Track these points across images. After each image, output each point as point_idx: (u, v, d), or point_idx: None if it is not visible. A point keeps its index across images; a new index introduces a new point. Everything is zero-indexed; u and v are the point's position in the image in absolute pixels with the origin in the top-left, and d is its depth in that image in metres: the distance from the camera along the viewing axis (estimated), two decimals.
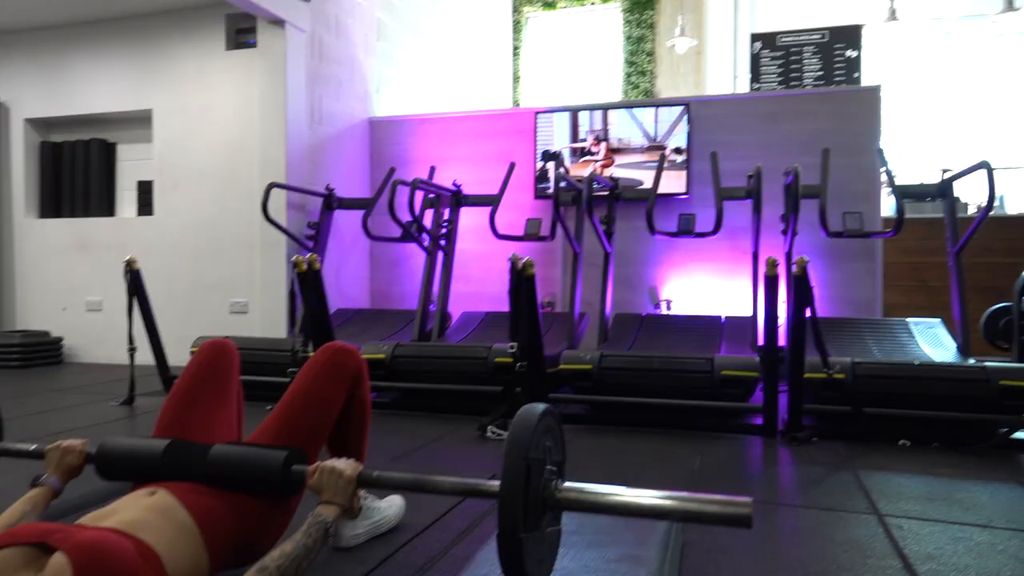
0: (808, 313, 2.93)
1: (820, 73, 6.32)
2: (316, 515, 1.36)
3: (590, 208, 4.32)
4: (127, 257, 3.70)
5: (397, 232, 4.96)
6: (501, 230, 4.63)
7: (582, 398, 3.46)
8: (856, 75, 6.17)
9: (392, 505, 1.98)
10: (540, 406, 1.36)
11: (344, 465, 1.42)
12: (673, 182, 4.99)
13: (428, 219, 4.91)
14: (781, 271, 2.99)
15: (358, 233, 5.15)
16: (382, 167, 5.48)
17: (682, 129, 5.04)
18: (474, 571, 1.43)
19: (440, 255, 4.92)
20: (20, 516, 1.44)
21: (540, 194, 5.32)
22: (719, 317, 4.39)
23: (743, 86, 8.83)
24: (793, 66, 6.42)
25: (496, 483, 1.32)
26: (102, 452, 1.57)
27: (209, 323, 5.02)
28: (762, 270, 3.05)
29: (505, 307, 5.14)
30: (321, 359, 1.68)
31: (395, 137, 5.82)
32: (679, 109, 5.08)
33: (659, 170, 4.36)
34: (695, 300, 5.08)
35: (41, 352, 5.30)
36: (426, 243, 4.86)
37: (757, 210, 4.15)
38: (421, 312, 4.74)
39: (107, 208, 5.70)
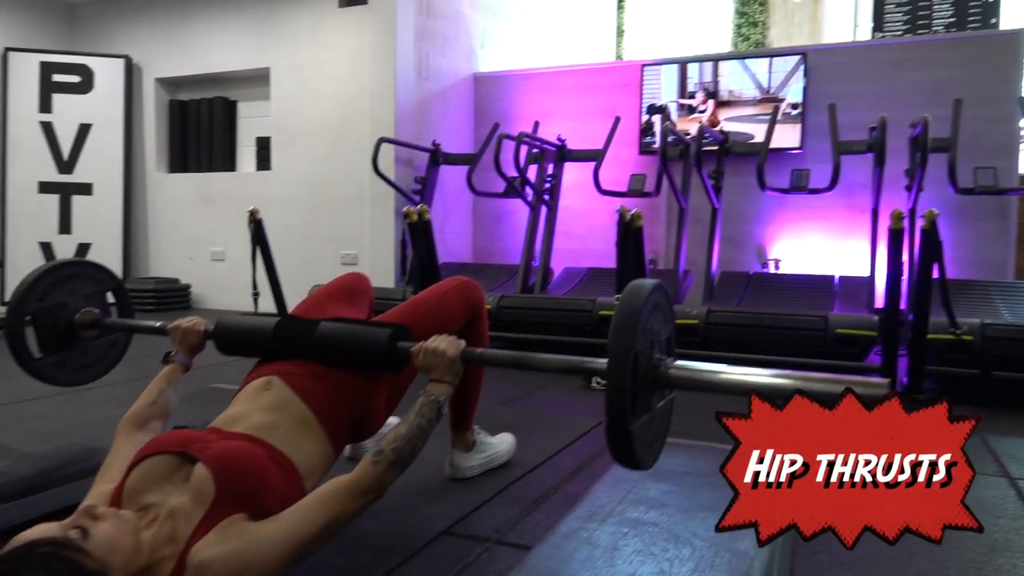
0: (935, 271, 2.78)
1: (952, 19, 5.87)
2: (427, 393, 1.39)
3: (699, 162, 4.22)
4: (250, 208, 3.90)
5: (501, 187, 5.00)
6: (605, 186, 4.60)
7: (688, 353, 3.42)
8: (993, 20, 5.69)
9: (504, 442, 2.05)
10: (649, 282, 1.27)
11: (446, 343, 1.44)
12: (786, 136, 4.79)
13: (532, 174, 4.92)
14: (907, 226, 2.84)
15: (462, 188, 5.23)
16: (486, 123, 5.52)
17: (798, 80, 4.82)
18: (591, 503, 1.47)
19: (543, 210, 4.94)
20: (159, 392, 1.58)
21: (645, 149, 5.23)
22: (832, 277, 4.22)
23: (864, 35, 8.30)
24: (921, 12, 5.99)
25: (601, 360, 1.28)
26: (219, 330, 1.67)
27: (321, 274, 5.20)
28: (882, 227, 2.91)
29: (607, 263, 5.13)
30: (450, 283, 1.78)
31: (499, 92, 5.84)
32: (795, 59, 4.84)
33: (772, 123, 4.19)
34: (806, 260, 4.89)
35: (172, 297, 5.71)
36: (530, 198, 4.88)
37: (880, 164, 3.93)
38: (524, 267, 4.79)
39: (229, 163, 6.02)
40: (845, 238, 4.76)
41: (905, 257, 3.23)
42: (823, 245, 4.85)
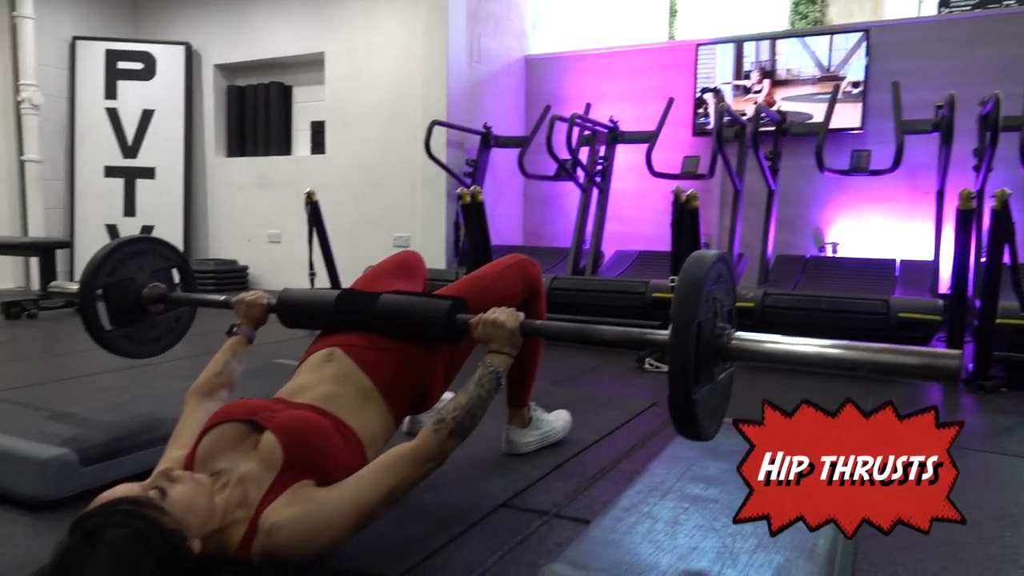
0: (1006, 253, 2.68)
1: None
2: (486, 364, 1.40)
3: (755, 143, 4.14)
4: (307, 190, 3.98)
5: (551, 170, 5.00)
6: (657, 168, 4.55)
7: None
8: None
9: (559, 419, 2.06)
10: (710, 254, 1.25)
11: (505, 316, 1.45)
12: (846, 115, 4.66)
13: (583, 157, 4.90)
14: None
15: (513, 171, 5.24)
16: (537, 105, 5.50)
17: (859, 58, 4.67)
18: (650, 479, 1.47)
19: (595, 193, 4.91)
20: (224, 363, 1.63)
21: (699, 131, 5.15)
22: (893, 261, 4.11)
23: (929, 11, 7.99)
24: None
25: (663, 333, 1.26)
26: (281, 303, 1.70)
27: (374, 256, 5.25)
28: (948, 209, 2.82)
29: (659, 247, 5.09)
30: (508, 261, 1.79)
31: (550, 75, 5.81)
32: (857, 36, 4.70)
33: (832, 102, 4.07)
34: (865, 243, 4.77)
35: (230, 278, 5.87)
36: (581, 180, 4.86)
37: (947, 143, 3.80)
38: (575, 249, 4.78)
39: (284, 147, 6.14)
40: (907, 219, 4.62)
41: (973, 239, 3.12)
42: (883, 228, 4.72)
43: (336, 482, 1.24)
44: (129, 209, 6.09)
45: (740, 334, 1.25)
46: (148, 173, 6.10)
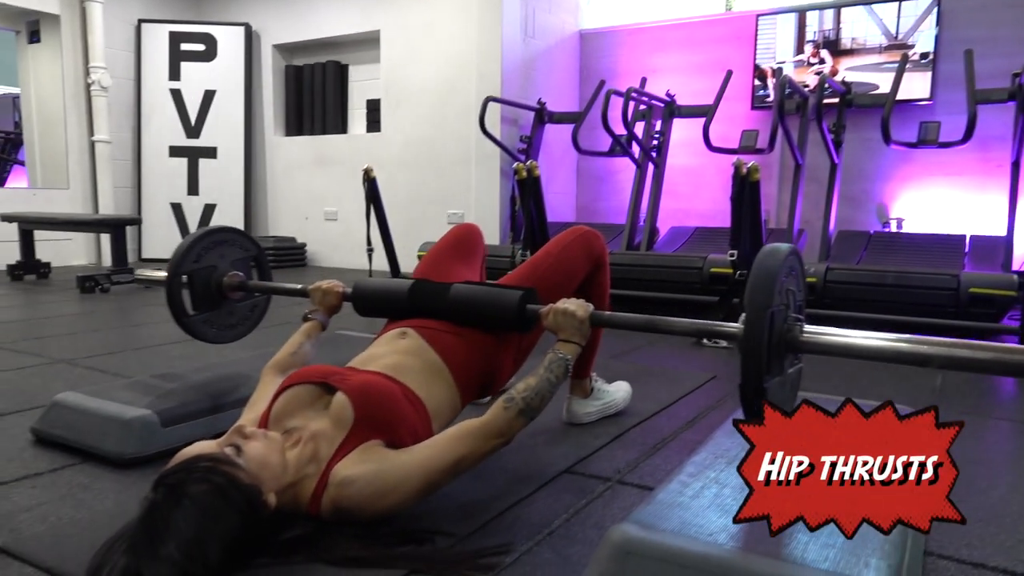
0: None
1: None
2: (556, 351, 1.42)
3: (819, 115, 4.03)
4: (365, 166, 4.03)
5: (606, 146, 4.96)
6: (715, 142, 4.46)
7: (806, 312, 3.32)
8: None
9: (620, 390, 2.06)
10: (784, 247, 1.27)
11: (575, 306, 1.47)
12: (914, 86, 4.49)
13: (638, 132, 4.84)
14: None
15: (567, 147, 5.22)
16: (591, 81, 5.45)
17: (929, 26, 4.49)
18: (715, 447, 1.47)
19: (650, 168, 4.86)
20: (299, 344, 1.70)
21: (758, 103, 5.03)
22: (962, 236, 3.97)
23: None
24: None
25: (735, 326, 1.29)
26: (356, 292, 1.76)
27: (428, 234, 5.36)
28: None
29: (715, 223, 5.02)
30: (572, 235, 1.78)
31: (605, 49, 5.74)
32: (927, 3, 4.51)
33: (899, 72, 3.93)
34: (932, 218, 4.61)
35: (289, 255, 6.01)
36: (636, 156, 4.81)
37: None
38: (629, 225, 4.75)
39: (340, 126, 6.23)
40: (978, 193, 4.44)
41: None
42: (952, 201, 4.55)
43: (403, 446, 1.29)
44: (192, 188, 6.27)
45: (810, 328, 1.27)
46: (210, 152, 6.27)
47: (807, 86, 4.44)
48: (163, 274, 2.04)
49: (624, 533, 1.06)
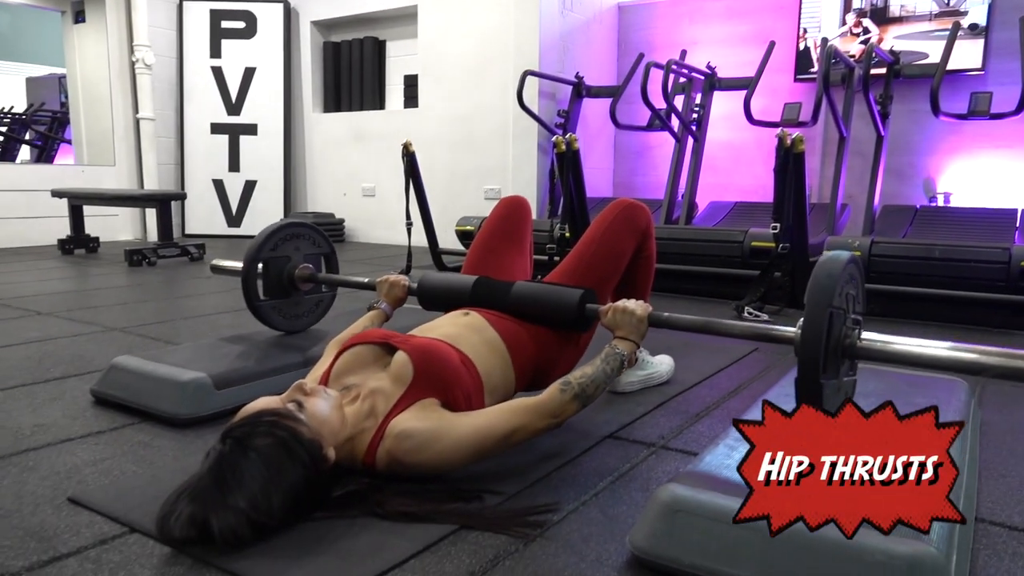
0: None
1: None
2: (613, 347, 1.47)
3: (866, 85, 3.94)
4: (404, 141, 4.05)
5: (643, 121, 4.91)
6: (756, 116, 4.39)
7: None
8: None
9: (663, 362, 2.07)
10: (845, 253, 1.31)
11: (636, 305, 1.52)
12: (965, 55, 4.35)
13: (678, 105, 4.78)
14: None
15: (604, 122, 5.18)
16: (629, 54, 5.39)
17: None
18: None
19: (689, 143, 4.80)
20: (364, 327, 1.76)
21: (802, 73, 4.93)
22: (1014, 211, 3.86)
23: None
24: None
25: (791, 330, 1.33)
26: (422, 286, 1.82)
27: (466, 209, 5.39)
28: None
29: (755, 198, 4.95)
30: (614, 212, 1.77)
31: (643, 21, 5.66)
32: None
33: (951, 40, 3.81)
34: (981, 192, 4.49)
35: (328, 231, 6.05)
36: (675, 129, 4.75)
37: None
38: (668, 200, 4.71)
39: (378, 102, 6.26)
40: None
41: None
42: (1004, 175, 4.42)
43: (458, 410, 1.32)
44: (233, 164, 6.37)
45: (867, 335, 1.29)
46: (251, 129, 6.35)
47: (853, 56, 4.33)
48: (238, 264, 2.15)
49: (673, 491, 1.08)
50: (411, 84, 5.96)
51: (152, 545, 1.11)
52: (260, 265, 2.11)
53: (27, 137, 7.64)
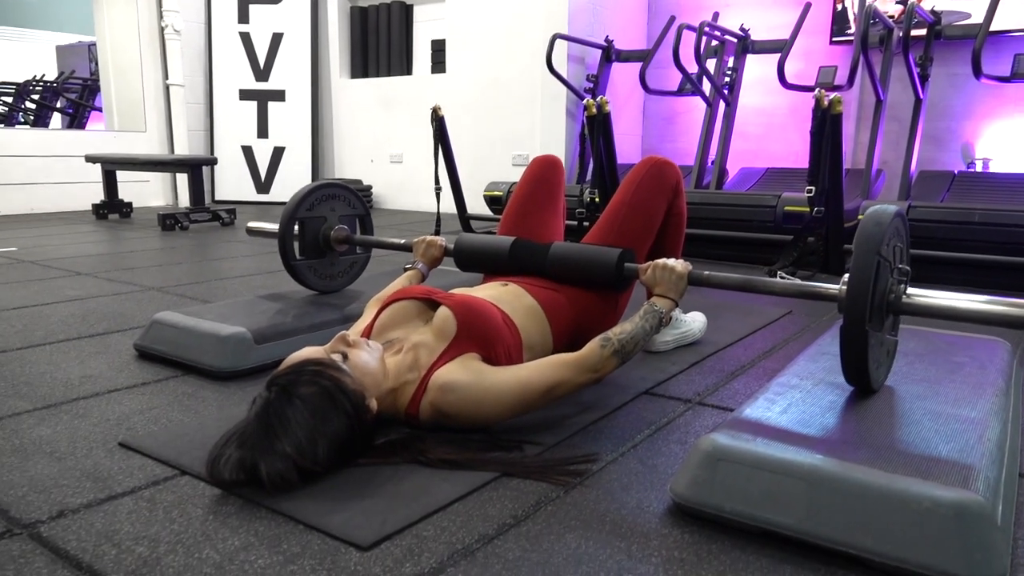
0: None
1: None
2: (651, 304, 1.47)
3: (905, 47, 3.83)
4: (433, 105, 4.03)
5: (674, 85, 4.83)
6: (790, 80, 4.30)
7: None
8: None
9: (696, 321, 2.06)
10: (891, 207, 1.30)
11: (676, 262, 1.51)
12: (1010, 15, 4.21)
13: (709, 69, 4.69)
14: None
15: (633, 87, 5.11)
16: (660, 17, 5.29)
17: None
18: (798, 370, 1.46)
19: (720, 107, 4.72)
20: (402, 285, 1.77)
21: (838, 36, 4.81)
22: None
23: None
24: None
25: (835, 287, 1.32)
26: (459, 247, 1.82)
27: (494, 174, 5.38)
28: None
29: (787, 163, 4.87)
30: (642, 171, 1.75)
31: None
32: None
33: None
34: (1022, 159, 4.38)
35: None
36: (707, 94, 4.68)
37: None
38: (698, 165, 4.66)
39: (405, 67, 6.22)
40: None
41: None
42: None
43: (498, 365, 1.34)
44: (262, 131, 6.39)
45: (912, 291, 1.29)
46: (278, 96, 6.36)
47: (892, 16, 4.22)
48: (274, 226, 2.18)
49: (715, 440, 1.08)
50: (439, 49, 5.91)
51: (203, 487, 1.15)
52: (296, 226, 2.14)
53: (58, 105, 7.72)
